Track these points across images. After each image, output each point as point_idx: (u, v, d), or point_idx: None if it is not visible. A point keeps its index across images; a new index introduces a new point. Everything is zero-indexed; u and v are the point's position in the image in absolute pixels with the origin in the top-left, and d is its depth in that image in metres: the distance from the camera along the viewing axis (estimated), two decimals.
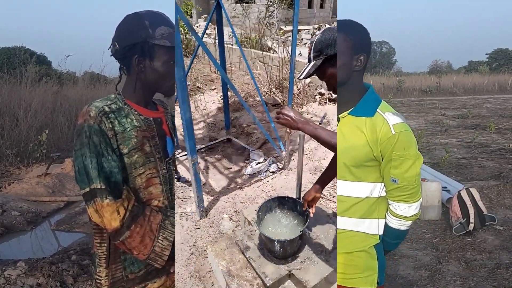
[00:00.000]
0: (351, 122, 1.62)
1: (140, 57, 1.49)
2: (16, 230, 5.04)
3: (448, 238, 4.40)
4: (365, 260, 1.72)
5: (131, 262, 1.54)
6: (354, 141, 1.61)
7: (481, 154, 8.49)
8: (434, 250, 4.13)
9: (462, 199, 4.54)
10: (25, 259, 3.85)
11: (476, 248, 4.15)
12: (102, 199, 1.39)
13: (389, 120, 1.56)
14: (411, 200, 1.63)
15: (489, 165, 7.42)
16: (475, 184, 5.81)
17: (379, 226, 1.73)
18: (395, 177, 1.59)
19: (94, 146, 1.41)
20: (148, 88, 1.56)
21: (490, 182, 6.13)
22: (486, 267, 3.76)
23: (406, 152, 1.54)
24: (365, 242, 1.72)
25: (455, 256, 3.99)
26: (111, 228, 1.42)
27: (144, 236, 1.45)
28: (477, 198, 4.61)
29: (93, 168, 1.40)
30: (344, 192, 1.69)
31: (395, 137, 1.53)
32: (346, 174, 1.66)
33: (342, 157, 1.65)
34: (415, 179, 1.60)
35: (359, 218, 1.70)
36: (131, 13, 1.54)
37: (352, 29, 1.58)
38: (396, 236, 1.73)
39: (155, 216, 1.50)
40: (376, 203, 1.70)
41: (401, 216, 1.66)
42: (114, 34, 1.51)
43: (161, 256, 1.49)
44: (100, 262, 1.54)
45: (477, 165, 7.43)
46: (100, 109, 1.45)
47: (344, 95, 1.65)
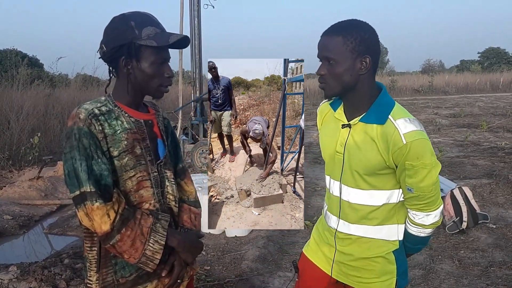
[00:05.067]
0: (362, 129, 1.56)
1: (127, 59, 1.48)
2: (8, 234, 4.99)
3: (441, 237, 4.42)
4: (382, 266, 1.66)
5: (122, 266, 1.51)
6: (366, 150, 1.54)
7: (473, 152, 8.55)
8: (427, 249, 4.14)
9: (455, 198, 4.55)
10: (17, 263, 3.81)
11: (469, 247, 4.17)
12: (92, 202, 1.37)
13: (400, 128, 1.48)
14: (428, 209, 1.57)
15: (481, 163, 7.47)
16: (468, 183, 5.84)
17: (399, 232, 1.66)
18: (410, 186, 1.53)
19: (84, 148, 1.39)
20: (137, 89, 1.54)
21: (483, 181, 6.16)
22: (479, 265, 3.77)
23: (419, 161, 1.47)
24: (383, 248, 1.65)
25: (448, 255, 4.00)
26: (101, 232, 1.40)
27: (135, 240, 1.43)
28: (469, 197, 4.63)
29: (83, 171, 1.38)
30: (358, 200, 1.63)
31: (406, 146, 1.46)
32: (360, 183, 1.59)
33: (353, 165, 1.59)
34: (431, 189, 1.52)
35: (377, 225, 1.64)
36: (117, 15, 1.53)
37: (351, 30, 1.49)
38: (417, 242, 1.67)
39: (146, 219, 1.47)
40: (395, 208, 1.64)
41: (419, 224, 1.60)
42: (102, 37, 1.50)
43: (152, 260, 1.47)
44: (90, 266, 1.52)
45: (469, 164, 7.48)
46: (90, 112, 1.44)
47: (354, 100, 1.58)
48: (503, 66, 39.83)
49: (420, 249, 1.74)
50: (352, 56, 1.48)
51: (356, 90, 1.55)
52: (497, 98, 22.48)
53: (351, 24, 1.52)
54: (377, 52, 1.53)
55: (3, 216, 5.24)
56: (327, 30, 1.54)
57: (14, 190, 6.20)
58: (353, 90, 1.55)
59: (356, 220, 1.66)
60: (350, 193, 1.64)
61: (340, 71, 1.50)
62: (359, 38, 1.48)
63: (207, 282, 3.54)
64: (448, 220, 4.50)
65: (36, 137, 7.56)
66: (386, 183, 1.59)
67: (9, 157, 7.73)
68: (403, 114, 1.53)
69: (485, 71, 36.97)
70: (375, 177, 1.57)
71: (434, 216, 1.58)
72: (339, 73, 1.50)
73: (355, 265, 1.69)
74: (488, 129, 11.31)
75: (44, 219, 5.58)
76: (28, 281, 3.39)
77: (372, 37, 1.52)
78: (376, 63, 1.54)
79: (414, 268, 3.76)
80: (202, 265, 3.84)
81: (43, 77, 13.72)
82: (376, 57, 1.53)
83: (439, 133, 11.26)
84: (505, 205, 5.24)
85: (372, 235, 1.65)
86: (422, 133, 1.50)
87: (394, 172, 1.56)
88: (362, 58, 1.49)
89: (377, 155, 1.52)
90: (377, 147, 1.52)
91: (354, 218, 1.66)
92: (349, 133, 1.60)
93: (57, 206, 5.94)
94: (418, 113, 16.05)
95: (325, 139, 1.73)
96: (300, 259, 1.92)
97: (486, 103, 19.80)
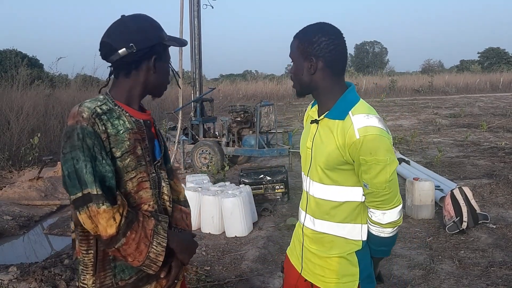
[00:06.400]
0: (327, 125, 1.61)
1: (157, 59, 1.53)
2: (8, 235, 4.99)
3: (441, 237, 4.42)
4: (344, 267, 1.64)
5: (121, 269, 1.49)
6: (327, 144, 1.59)
7: (473, 152, 8.55)
8: (427, 249, 4.15)
9: (455, 198, 4.55)
10: (17, 264, 3.81)
11: (470, 247, 4.17)
12: (98, 205, 1.33)
13: (355, 123, 1.51)
14: (384, 207, 1.56)
15: (481, 163, 7.47)
16: (468, 183, 5.84)
17: (362, 232, 1.65)
18: (365, 182, 1.54)
19: (88, 149, 1.36)
20: (146, 89, 1.55)
21: (483, 181, 6.16)
22: (480, 265, 3.77)
23: (372, 157, 1.48)
24: (344, 248, 1.64)
25: (448, 255, 4.00)
26: (106, 235, 1.35)
27: (139, 243, 1.41)
28: (470, 197, 4.63)
29: (88, 172, 1.34)
30: (321, 195, 1.65)
31: (359, 141, 1.48)
32: (323, 177, 1.62)
33: (317, 159, 1.63)
34: (385, 186, 1.52)
35: (339, 222, 1.64)
36: (139, 14, 1.54)
37: (306, 33, 1.60)
38: (379, 243, 1.64)
39: (148, 221, 1.46)
40: (359, 208, 1.63)
41: (376, 222, 1.59)
42: (126, 36, 1.46)
43: (156, 262, 1.45)
44: (86, 269, 1.47)
45: (469, 164, 7.48)
46: (93, 110, 1.40)
47: (319, 98, 1.66)
48: (503, 66, 39.91)
49: (384, 252, 1.69)
50: (302, 57, 1.60)
51: (317, 88, 1.63)
52: (497, 98, 22.50)
53: (309, 28, 1.62)
54: (332, 54, 1.58)
55: (3, 216, 5.24)
56: (295, 34, 1.66)
57: (14, 190, 6.19)
58: (315, 89, 1.64)
59: (319, 215, 1.68)
60: (315, 187, 1.68)
61: (295, 70, 1.64)
62: (308, 41, 1.58)
63: (207, 282, 3.54)
64: (448, 220, 4.49)
65: (36, 138, 7.55)
66: (347, 179, 1.60)
67: (9, 157, 7.74)
68: (362, 110, 1.56)
69: (485, 71, 37.02)
70: (336, 172, 1.60)
71: (390, 215, 1.57)
72: (295, 72, 1.64)
73: (320, 263, 1.69)
74: (488, 129, 11.31)
75: (44, 220, 5.57)
76: (28, 282, 3.39)
77: (326, 40, 1.57)
78: (332, 65, 1.59)
79: (414, 268, 3.75)
80: (202, 265, 3.84)
81: (43, 78, 13.73)
82: (330, 59, 1.58)
83: (439, 133, 11.26)
84: (505, 205, 5.23)
85: (334, 232, 1.65)
86: (379, 129, 1.50)
87: (354, 168, 1.58)
88: (310, 59, 1.58)
89: (336, 149, 1.55)
90: (336, 142, 1.56)
91: (318, 213, 1.68)
92: (317, 129, 1.67)
93: (57, 206, 5.93)
94: (418, 113, 16.06)
95: (303, 135, 1.81)
96: (285, 260, 1.96)
97: (486, 103, 19.82)
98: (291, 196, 5.80)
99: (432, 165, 7.32)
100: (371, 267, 1.70)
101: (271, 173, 5.67)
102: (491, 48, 48.91)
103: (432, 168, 6.94)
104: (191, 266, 3.78)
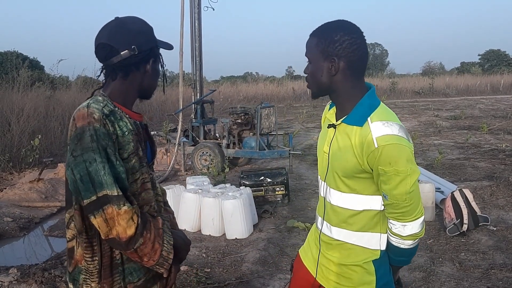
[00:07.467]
0: (344, 130, 1.54)
1: (154, 61, 1.55)
2: (9, 236, 4.99)
3: (442, 239, 4.41)
4: (360, 275, 1.60)
5: (129, 272, 1.48)
6: (344, 151, 1.52)
7: (474, 154, 8.54)
8: (428, 251, 4.14)
9: (456, 200, 4.55)
10: (18, 266, 3.81)
11: (470, 249, 4.16)
12: (119, 206, 1.31)
13: (373, 131, 1.44)
14: (404, 219, 1.49)
15: (482, 165, 7.46)
16: (469, 185, 5.84)
17: (381, 241, 1.59)
18: (385, 192, 1.47)
19: (104, 150, 1.34)
20: (140, 90, 1.56)
21: (483, 183, 6.15)
22: (480, 267, 3.77)
23: (392, 167, 1.41)
24: (361, 257, 1.59)
25: (449, 257, 4.00)
26: (125, 237, 1.33)
27: (154, 242, 1.41)
28: (470, 199, 4.62)
29: (107, 174, 1.32)
30: (338, 203, 1.59)
31: (378, 150, 1.41)
32: (340, 185, 1.56)
33: (334, 166, 1.57)
34: (406, 197, 1.44)
35: (357, 231, 1.58)
36: (133, 16, 1.54)
37: (326, 32, 1.51)
38: (399, 253, 1.58)
39: (156, 221, 1.47)
40: (378, 216, 1.57)
41: (397, 234, 1.53)
42: (128, 38, 1.46)
43: (167, 260, 1.45)
44: (91, 277, 1.43)
45: (470, 166, 7.47)
46: (101, 111, 1.39)
47: (337, 101, 1.58)
48: (504, 68, 39.88)
49: (404, 261, 1.64)
50: (322, 57, 1.51)
51: (336, 91, 1.55)
52: (497, 100, 22.49)
53: (329, 26, 1.53)
54: (355, 54, 1.49)
55: (3, 218, 5.24)
56: (312, 31, 1.57)
57: (15, 192, 6.20)
58: (333, 91, 1.56)
59: (336, 223, 1.62)
60: (332, 194, 1.62)
61: (313, 71, 1.55)
62: (329, 39, 1.48)
63: (207, 284, 3.54)
64: (449, 223, 4.49)
65: (36, 139, 7.56)
66: (366, 188, 1.54)
67: (10, 159, 7.74)
68: (382, 117, 1.48)
69: (486, 73, 37.00)
70: (354, 180, 1.53)
71: (411, 228, 1.50)
72: (313, 72, 1.55)
73: (335, 270, 1.66)
74: (489, 131, 11.30)
75: (44, 221, 5.58)
76: (28, 283, 3.39)
77: (349, 39, 1.48)
78: (354, 66, 1.51)
79: (414, 270, 3.75)
80: (202, 267, 3.84)
81: (43, 79, 13.76)
82: (352, 59, 1.50)
83: (440, 135, 11.25)
84: (505, 207, 5.23)
85: (352, 241, 1.60)
86: (398, 138, 1.43)
87: (373, 177, 1.50)
88: (331, 59, 1.49)
89: (353, 157, 1.49)
90: (353, 150, 1.49)
91: (335, 220, 1.63)
92: (334, 134, 1.60)
93: (57, 208, 5.93)
94: (418, 115, 16.05)
95: (320, 138, 1.75)
96: (296, 259, 1.93)
97: (487, 105, 19.81)
98: (292, 198, 5.81)
99: (433, 167, 7.31)
100: (390, 274, 1.65)
101: (271, 175, 5.67)
102: (492, 50, 48.87)
103: (432, 170, 6.93)
104: (191, 268, 3.78)
